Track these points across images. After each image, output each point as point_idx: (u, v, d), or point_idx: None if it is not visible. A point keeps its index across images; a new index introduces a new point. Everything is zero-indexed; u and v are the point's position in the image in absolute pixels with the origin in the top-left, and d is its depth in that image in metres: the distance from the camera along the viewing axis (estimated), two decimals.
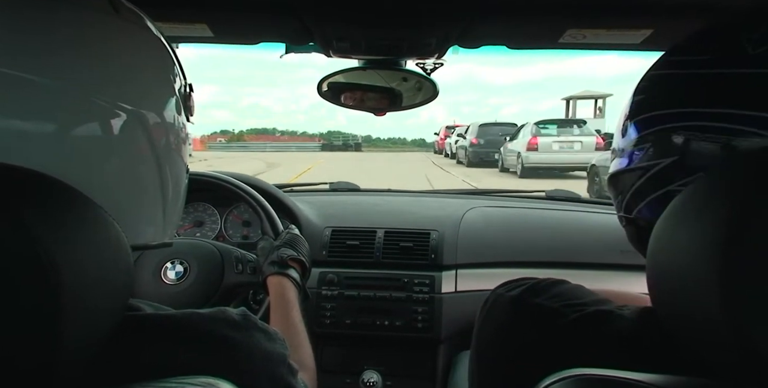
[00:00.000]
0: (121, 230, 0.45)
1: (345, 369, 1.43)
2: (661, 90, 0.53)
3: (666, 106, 0.51)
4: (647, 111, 0.53)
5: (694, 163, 0.48)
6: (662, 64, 0.55)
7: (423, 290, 1.41)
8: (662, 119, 0.51)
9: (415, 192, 1.97)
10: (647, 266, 0.45)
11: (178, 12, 0.73)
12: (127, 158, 0.51)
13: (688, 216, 0.39)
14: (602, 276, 1.39)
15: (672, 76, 0.53)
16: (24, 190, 0.37)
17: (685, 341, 0.41)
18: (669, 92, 0.52)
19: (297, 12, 0.73)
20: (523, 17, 0.70)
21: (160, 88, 0.56)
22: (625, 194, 0.55)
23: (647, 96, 0.54)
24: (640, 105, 0.55)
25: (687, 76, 0.50)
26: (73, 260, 0.36)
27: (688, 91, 0.49)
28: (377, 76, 1.05)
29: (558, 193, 1.83)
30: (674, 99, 0.50)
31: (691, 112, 0.48)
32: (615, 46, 0.76)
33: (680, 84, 0.51)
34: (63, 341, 0.36)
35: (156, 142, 0.54)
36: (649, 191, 0.52)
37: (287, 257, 1.08)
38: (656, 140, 0.51)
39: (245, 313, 0.57)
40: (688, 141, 0.48)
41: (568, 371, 0.42)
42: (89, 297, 0.38)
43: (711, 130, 0.46)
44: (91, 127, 0.48)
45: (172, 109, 0.56)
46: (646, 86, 0.56)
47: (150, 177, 0.54)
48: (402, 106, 1.11)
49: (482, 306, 0.62)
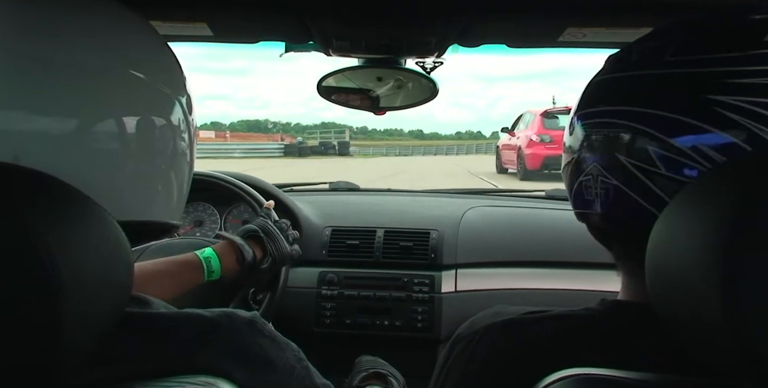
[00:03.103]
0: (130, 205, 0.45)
1: (344, 369, 1.43)
2: (590, 91, 0.58)
3: (591, 105, 0.55)
4: (577, 111, 0.58)
5: (593, 154, 0.53)
6: (600, 69, 0.59)
7: (423, 290, 1.41)
8: (588, 116, 0.55)
9: (414, 192, 1.97)
10: (646, 265, 0.45)
11: (178, 11, 0.73)
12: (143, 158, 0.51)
13: (688, 216, 0.39)
14: (602, 275, 1.39)
15: (603, 79, 0.57)
16: (24, 189, 0.37)
17: (684, 340, 0.40)
18: (597, 91, 0.56)
19: (296, 11, 0.73)
20: (522, 16, 0.70)
21: (177, 87, 0.56)
22: (570, 190, 0.60)
23: (580, 98, 0.59)
24: (576, 107, 0.59)
25: (612, 79, 0.55)
26: (73, 259, 0.36)
27: (606, 91, 0.54)
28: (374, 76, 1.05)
29: (558, 192, 1.83)
30: (599, 97, 0.55)
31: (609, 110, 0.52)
32: (614, 44, 0.76)
33: (606, 85, 0.56)
34: (62, 340, 0.35)
35: (174, 141, 0.53)
36: (572, 183, 0.58)
37: (254, 228, 1.04)
38: (576, 135, 0.56)
39: (254, 319, 0.55)
40: (588, 135, 0.54)
41: (567, 370, 0.42)
42: (89, 296, 0.38)
43: (604, 125, 0.51)
44: (110, 123, 0.48)
45: (184, 107, 0.56)
46: (583, 90, 0.60)
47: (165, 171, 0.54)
48: (401, 106, 1.11)
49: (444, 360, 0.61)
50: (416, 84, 1.06)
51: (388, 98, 1.09)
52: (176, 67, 0.56)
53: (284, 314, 1.39)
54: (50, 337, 0.35)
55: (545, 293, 1.41)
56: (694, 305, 0.37)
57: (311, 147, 26.84)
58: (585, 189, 0.55)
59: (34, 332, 0.35)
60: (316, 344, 1.24)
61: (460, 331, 0.59)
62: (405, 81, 1.06)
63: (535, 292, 1.41)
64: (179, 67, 0.57)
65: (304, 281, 1.44)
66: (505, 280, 1.44)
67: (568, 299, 1.37)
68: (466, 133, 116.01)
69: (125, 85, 0.49)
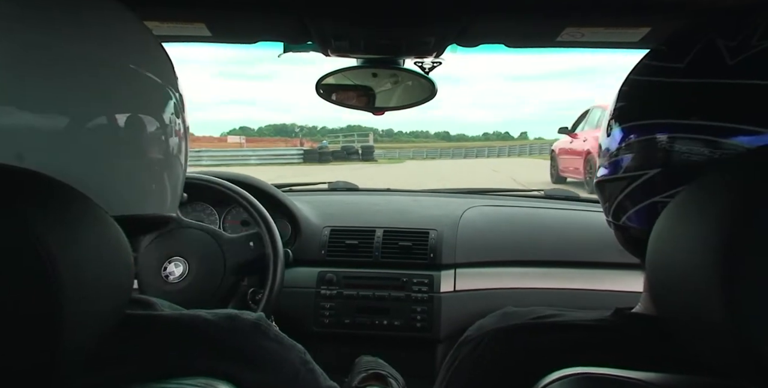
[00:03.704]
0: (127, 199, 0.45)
1: (343, 369, 1.43)
2: (644, 97, 0.52)
3: (649, 116, 0.50)
4: (631, 119, 0.52)
5: (678, 175, 0.47)
6: (643, 68, 0.54)
7: (422, 290, 1.41)
8: (647, 129, 0.50)
9: (414, 191, 1.97)
10: (647, 265, 0.45)
11: (176, 11, 0.73)
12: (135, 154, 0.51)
13: (689, 217, 0.39)
14: (601, 275, 1.40)
15: (653, 84, 0.52)
16: (24, 189, 0.37)
17: (684, 340, 0.41)
18: (651, 101, 0.51)
19: (295, 11, 0.73)
20: (521, 16, 0.70)
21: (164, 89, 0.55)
22: (612, 201, 0.55)
23: (629, 103, 0.54)
24: (623, 111, 0.54)
25: (669, 85, 0.49)
26: (73, 260, 0.36)
27: (671, 101, 0.49)
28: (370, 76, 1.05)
29: (556, 192, 1.84)
30: (657, 108, 0.49)
31: (673, 124, 0.47)
32: (613, 44, 0.76)
33: (663, 93, 0.50)
34: (62, 341, 0.35)
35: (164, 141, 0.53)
36: (635, 201, 0.51)
37: None
38: (641, 149, 0.50)
39: (258, 321, 0.54)
40: (671, 153, 0.47)
41: (569, 369, 0.42)
42: (89, 296, 0.38)
43: (695, 142, 0.46)
44: (101, 120, 0.47)
45: (174, 108, 0.56)
46: (628, 92, 0.55)
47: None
48: (400, 106, 1.11)
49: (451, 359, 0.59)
50: (415, 84, 1.06)
51: (386, 98, 1.09)
52: (168, 63, 0.56)
53: (283, 314, 1.40)
54: (50, 337, 0.35)
55: (544, 293, 1.41)
56: (695, 305, 0.37)
57: (332, 152, 24.40)
58: (661, 209, 0.46)
59: (34, 332, 0.35)
60: (315, 344, 1.24)
61: (468, 333, 0.58)
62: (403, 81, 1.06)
63: (534, 291, 1.42)
64: (171, 64, 0.56)
65: (303, 281, 1.45)
66: (505, 279, 1.45)
67: (568, 299, 1.38)
68: (493, 134, 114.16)
69: (118, 79, 0.48)
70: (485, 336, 0.55)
